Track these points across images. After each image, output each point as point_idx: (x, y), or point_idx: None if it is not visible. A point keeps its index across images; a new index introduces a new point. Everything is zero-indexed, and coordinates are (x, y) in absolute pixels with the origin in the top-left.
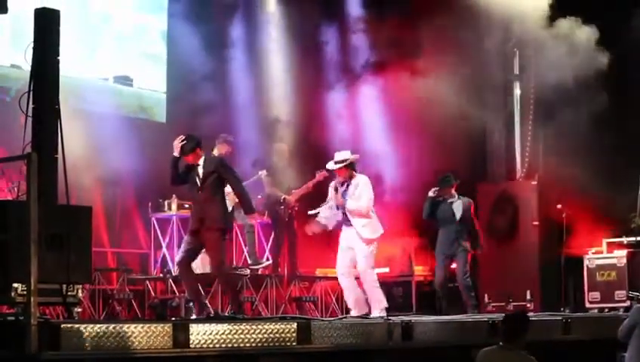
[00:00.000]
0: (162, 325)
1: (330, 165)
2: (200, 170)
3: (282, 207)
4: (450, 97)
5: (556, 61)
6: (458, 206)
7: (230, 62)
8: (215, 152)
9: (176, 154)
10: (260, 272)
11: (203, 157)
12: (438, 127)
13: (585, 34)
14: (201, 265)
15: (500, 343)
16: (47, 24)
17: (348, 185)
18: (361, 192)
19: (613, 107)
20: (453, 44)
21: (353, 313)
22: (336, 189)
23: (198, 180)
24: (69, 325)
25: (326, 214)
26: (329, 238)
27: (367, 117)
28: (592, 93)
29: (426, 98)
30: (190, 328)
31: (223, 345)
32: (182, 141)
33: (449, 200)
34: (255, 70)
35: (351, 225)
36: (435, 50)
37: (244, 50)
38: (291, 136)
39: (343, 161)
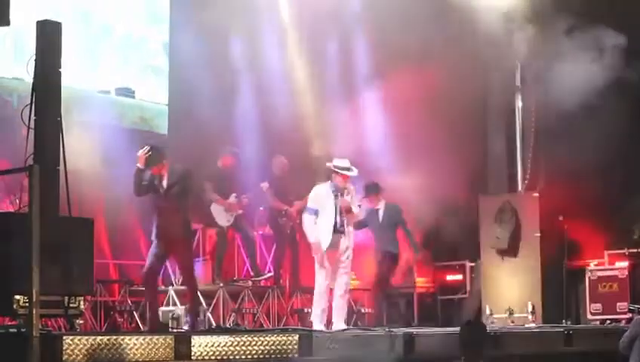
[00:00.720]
0: (164, 337)
1: (354, 172)
2: (164, 181)
3: (284, 219)
4: (452, 109)
5: (559, 73)
6: (382, 212)
7: (232, 73)
8: (219, 164)
9: (140, 165)
10: (261, 284)
11: (168, 168)
12: (440, 139)
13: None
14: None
15: (463, 358)
16: (49, 36)
17: (346, 193)
18: (354, 200)
19: (616, 118)
20: (454, 56)
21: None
22: (336, 196)
23: (162, 190)
24: (71, 337)
25: None
26: None
27: (368, 129)
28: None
29: (428, 110)
30: (192, 340)
31: (225, 357)
32: (147, 153)
33: (376, 208)
34: (257, 82)
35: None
36: (437, 62)
37: (246, 61)
38: (293, 147)
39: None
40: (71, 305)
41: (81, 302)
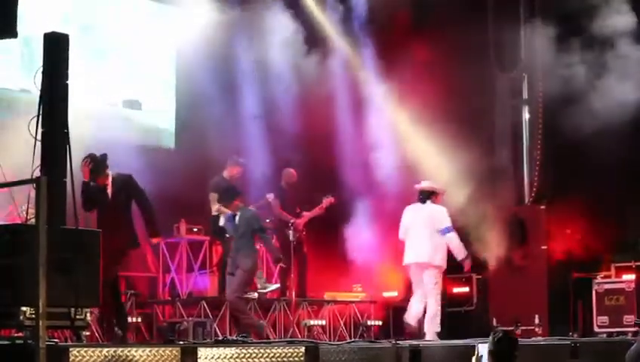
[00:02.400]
0: (170, 349)
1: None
2: (109, 191)
3: (290, 231)
4: (459, 122)
5: (562, 84)
6: (238, 220)
7: (239, 85)
8: (225, 174)
9: (85, 179)
10: (268, 296)
11: (111, 178)
12: (446, 152)
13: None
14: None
15: None
16: (56, 48)
17: None
18: None
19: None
20: (461, 69)
21: None
22: None
23: (108, 201)
24: (78, 348)
25: None
26: (337, 263)
27: (376, 140)
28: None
29: (434, 123)
30: (198, 352)
31: None
32: (89, 164)
33: (233, 215)
34: (265, 93)
35: None
36: (443, 74)
37: (254, 73)
38: (300, 159)
39: None
40: (77, 317)
41: (88, 314)
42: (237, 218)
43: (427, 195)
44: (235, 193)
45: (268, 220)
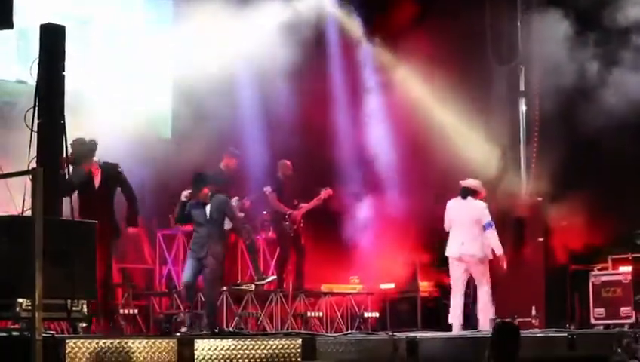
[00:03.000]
0: (167, 340)
1: None
2: (96, 179)
3: (287, 223)
4: (456, 114)
5: (561, 77)
6: (209, 207)
7: (235, 77)
8: (221, 165)
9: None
10: (264, 288)
11: (98, 165)
12: (443, 145)
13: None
14: None
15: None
16: (52, 40)
17: None
18: None
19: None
20: (458, 62)
21: None
22: None
23: (95, 189)
24: (74, 340)
25: None
26: (334, 254)
27: (373, 133)
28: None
29: (432, 116)
30: (195, 343)
31: (228, 361)
32: (71, 154)
33: (202, 203)
34: (263, 85)
35: None
36: (441, 68)
37: (250, 64)
38: (297, 151)
39: None
40: (74, 309)
41: (84, 306)
42: (208, 206)
43: (469, 192)
44: (203, 181)
45: (265, 212)
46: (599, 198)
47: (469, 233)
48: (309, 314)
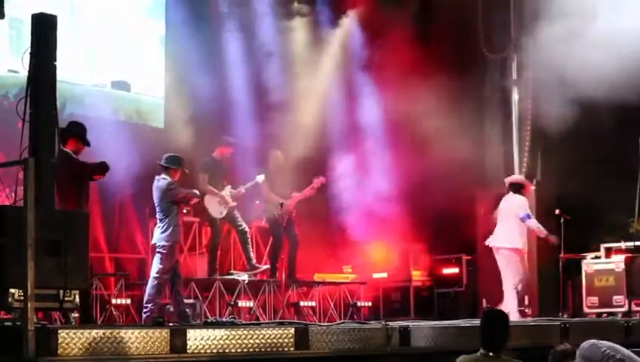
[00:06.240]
0: (159, 330)
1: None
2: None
3: (280, 212)
4: (448, 103)
5: (554, 64)
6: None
7: (228, 67)
8: (215, 154)
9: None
10: (257, 277)
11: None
12: (436, 134)
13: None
14: None
15: (481, 350)
16: (44, 29)
17: None
18: None
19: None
20: (450, 51)
21: None
22: None
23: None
24: (67, 330)
25: None
26: (327, 244)
27: (365, 123)
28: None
29: (425, 104)
30: (187, 333)
31: (221, 351)
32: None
33: None
34: (253, 75)
35: None
36: (432, 56)
37: (242, 55)
38: (290, 140)
39: None
40: (66, 299)
41: (77, 296)
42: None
43: (514, 187)
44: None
45: (257, 202)
46: (592, 186)
47: (501, 225)
48: (302, 303)
